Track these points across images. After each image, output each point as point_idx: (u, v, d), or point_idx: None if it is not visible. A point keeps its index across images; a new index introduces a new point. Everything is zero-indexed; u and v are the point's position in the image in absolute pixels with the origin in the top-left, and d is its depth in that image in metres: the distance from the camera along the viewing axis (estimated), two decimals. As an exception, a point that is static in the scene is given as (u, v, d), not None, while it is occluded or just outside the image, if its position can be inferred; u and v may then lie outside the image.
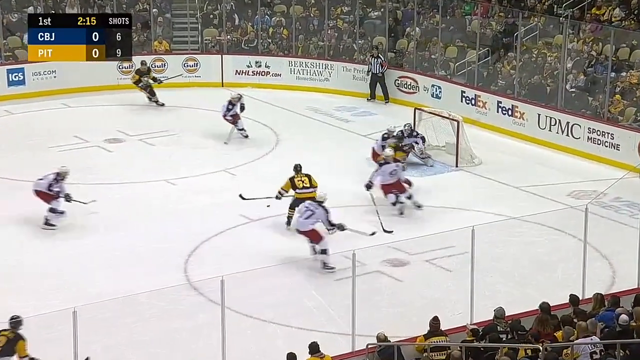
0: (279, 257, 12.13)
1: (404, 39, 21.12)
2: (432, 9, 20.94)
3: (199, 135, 17.69)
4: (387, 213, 13.79)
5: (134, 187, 15.02)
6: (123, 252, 12.50)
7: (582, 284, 10.39)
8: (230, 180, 15.48)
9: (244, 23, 22.11)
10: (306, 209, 12.31)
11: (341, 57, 21.29)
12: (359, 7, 21.41)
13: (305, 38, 21.66)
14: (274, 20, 22.19)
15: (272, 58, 21.47)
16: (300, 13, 22.10)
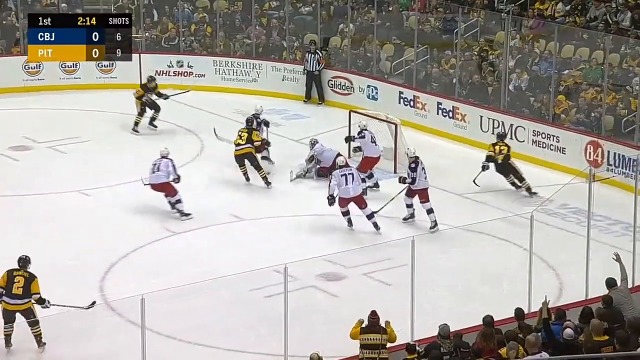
0: (205, 272, 12.06)
1: (337, 36, 21.28)
2: (366, 4, 21.14)
3: (114, 141, 17.52)
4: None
5: (44, 199, 14.80)
6: (34, 270, 12.25)
7: (528, 296, 10.59)
8: (150, 190, 15.35)
9: (164, 19, 22.01)
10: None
11: (270, 56, 21.34)
12: (288, 3, 21.49)
13: (230, 35, 21.65)
14: (196, 16, 22.13)
15: (195, 57, 21.40)
16: (225, 8, 22.09)
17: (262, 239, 13.63)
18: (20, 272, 10.70)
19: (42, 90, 20.36)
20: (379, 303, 11.43)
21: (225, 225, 14.12)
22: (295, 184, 15.75)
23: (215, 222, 14.13)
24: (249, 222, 14.27)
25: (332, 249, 12.77)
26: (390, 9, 21.17)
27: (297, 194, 15.48)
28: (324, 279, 12.17)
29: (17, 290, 10.57)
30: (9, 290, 10.58)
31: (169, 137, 17.81)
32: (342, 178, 14.01)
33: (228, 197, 15.18)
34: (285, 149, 17.20)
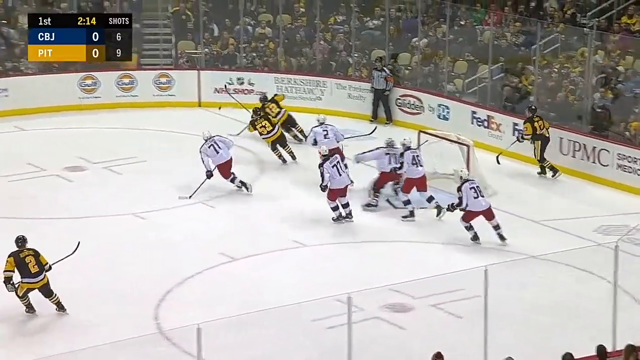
0: (265, 301, 12.09)
1: (406, 52, 21.27)
2: (437, 18, 21.10)
3: (172, 162, 17.72)
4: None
5: (97, 222, 15.01)
6: (83, 296, 12.46)
7: (612, 333, 10.40)
8: (209, 214, 15.50)
9: (225, 34, 22.26)
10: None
11: (335, 72, 21.42)
12: (355, 17, 21.55)
13: (293, 51, 21.80)
14: (257, 31, 22.34)
15: (256, 74, 21.58)
16: (288, 23, 22.26)
17: (324, 266, 13.65)
18: (25, 251, 11.73)
19: (97, 108, 20.74)
20: (449, 337, 11.37)
21: (286, 252, 14.16)
22: (359, 213, 15.70)
23: (275, 248, 14.17)
24: (310, 249, 14.28)
25: (399, 278, 12.68)
26: (462, 23, 21.09)
27: (361, 220, 15.44)
28: (390, 310, 12.10)
29: (34, 269, 11.67)
30: (27, 271, 11.64)
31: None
32: (333, 169, 14.79)
33: (289, 222, 15.22)
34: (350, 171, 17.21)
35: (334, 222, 15.10)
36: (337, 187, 14.95)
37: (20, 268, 11.67)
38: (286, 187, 16.64)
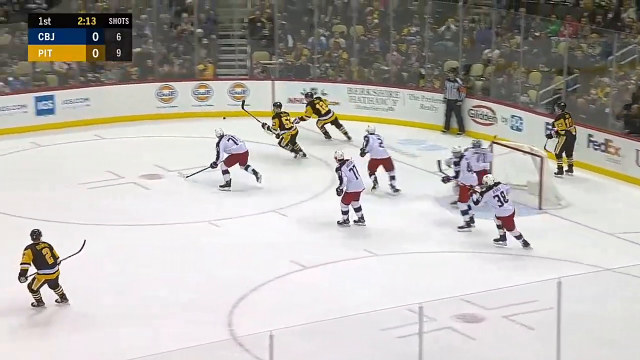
0: (336, 309, 12.09)
1: (479, 63, 21.11)
2: (512, 29, 20.91)
3: (244, 172, 17.83)
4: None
5: (172, 229, 15.16)
6: (157, 303, 12.58)
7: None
8: (281, 222, 15.55)
9: (299, 45, 22.36)
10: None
11: (407, 83, 21.35)
12: (429, 28, 21.48)
13: (366, 62, 21.80)
14: (331, 42, 22.40)
15: (329, 84, 21.62)
16: (361, 34, 22.27)
17: (395, 275, 13.57)
18: (40, 244, 12.04)
19: (174, 117, 21.01)
20: (521, 348, 11.21)
21: (357, 261, 14.12)
22: (431, 221, 15.62)
23: (346, 257, 14.13)
24: (381, 258, 14.22)
25: (470, 288, 12.59)
26: (537, 34, 20.86)
27: (433, 230, 15.36)
28: (461, 320, 11.98)
29: (51, 260, 12.03)
30: (44, 263, 12.00)
31: (300, 167, 18.05)
32: (350, 173, 14.95)
33: (360, 230, 15.19)
34: (417, 180, 17.19)
35: (340, 225, 15.15)
36: (353, 190, 15.04)
37: (37, 260, 11.96)
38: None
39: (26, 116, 20.19)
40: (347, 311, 11.83)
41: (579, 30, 20.51)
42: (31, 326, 12.07)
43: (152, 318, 12.16)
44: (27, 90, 20.52)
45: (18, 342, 11.69)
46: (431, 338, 10.40)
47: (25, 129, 19.92)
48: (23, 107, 20.21)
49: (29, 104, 20.26)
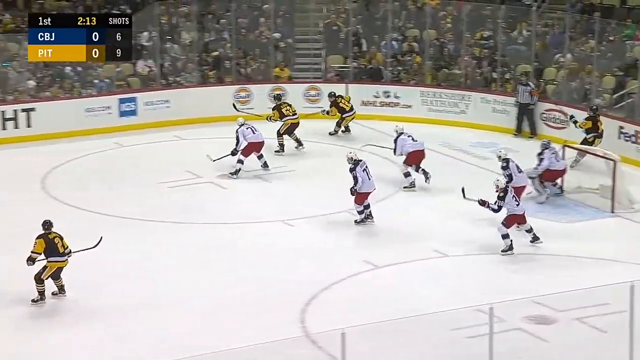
0: (407, 308, 11.98)
1: (552, 67, 20.77)
2: (586, 33, 20.53)
3: (319, 171, 17.80)
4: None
5: (247, 228, 15.18)
6: (232, 300, 12.60)
7: None
8: (353, 223, 15.46)
9: (372, 48, 22.27)
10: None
11: (479, 87, 21.11)
12: (502, 32, 21.21)
13: (439, 65, 21.62)
14: (404, 46, 22.26)
15: (402, 87, 21.50)
16: (435, 38, 22.08)
17: (465, 276, 13.39)
18: (52, 233, 12.17)
19: (251, 119, 21.08)
20: (593, 351, 10.96)
21: (428, 261, 13.97)
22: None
23: (417, 258, 13.99)
24: (451, 259, 14.05)
25: (542, 290, 12.36)
26: (611, 38, 20.43)
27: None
28: (532, 322, 11.75)
29: (62, 249, 12.18)
30: (56, 251, 12.13)
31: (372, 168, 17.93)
32: (364, 173, 14.90)
33: (431, 231, 15.03)
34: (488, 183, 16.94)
35: (357, 224, 15.10)
36: (366, 191, 14.97)
37: (49, 248, 12.10)
38: (427, 198, 16.45)
39: (110, 117, 20.46)
40: (418, 311, 11.73)
41: (654, 34, 20.10)
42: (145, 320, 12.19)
43: (227, 314, 12.17)
44: (111, 92, 20.79)
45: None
46: (501, 339, 10.23)
47: (109, 129, 20.18)
48: (107, 109, 20.48)
49: (113, 106, 20.53)
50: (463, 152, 18.93)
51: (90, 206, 15.89)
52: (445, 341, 11.21)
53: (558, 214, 15.70)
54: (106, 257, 13.24)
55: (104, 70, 20.99)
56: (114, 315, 12.15)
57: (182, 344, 11.17)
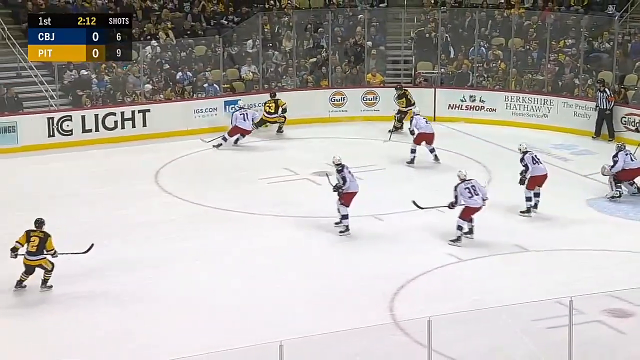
0: (488, 300, 11.85)
1: (633, 73, 20.23)
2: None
3: (406, 169, 17.72)
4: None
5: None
6: (325, 287, 12.64)
7: None
8: (440, 218, 15.33)
9: (460, 56, 22.06)
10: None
11: (561, 92, 20.71)
12: (585, 40, 20.76)
13: (523, 72, 21.30)
14: (490, 54, 21.98)
15: (487, 92, 21.25)
16: (520, 46, 21.74)
17: (545, 270, 13.16)
18: (37, 232, 11.86)
19: (344, 120, 21.16)
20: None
21: (510, 255, 13.76)
22: (597, 218, 15.22)
23: (499, 252, 13.81)
24: (532, 254, 13.83)
25: (619, 285, 12.06)
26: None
27: (581, 229, 14.83)
28: (610, 315, 11.47)
29: (33, 249, 11.82)
30: (27, 248, 11.84)
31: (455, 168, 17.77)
32: (350, 175, 14.74)
33: (511, 227, 14.82)
34: (568, 183, 16.68)
35: (336, 225, 14.69)
36: (352, 191, 14.70)
37: (26, 243, 11.95)
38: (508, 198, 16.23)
39: (216, 118, 20.70)
40: (500, 301, 11.58)
41: None
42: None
43: (321, 302, 12.20)
44: (218, 95, 21.04)
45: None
46: (580, 330, 10.03)
47: (215, 129, 20.41)
48: (214, 110, 20.73)
49: (219, 107, 20.77)
50: (545, 153, 18.57)
51: (197, 199, 16.11)
52: (526, 331, 11.04)
53: (636, 212, 15.32)
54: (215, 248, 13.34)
55: (212, 74, 21.28)
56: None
57: (281, 325, 11.26)
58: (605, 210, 15.53)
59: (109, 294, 12.37)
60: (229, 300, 12.29)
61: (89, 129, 19.62)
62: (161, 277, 12.93)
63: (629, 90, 20.07)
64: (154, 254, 13.64)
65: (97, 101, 20.25)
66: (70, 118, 19.51)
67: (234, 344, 10.23)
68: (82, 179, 17.31)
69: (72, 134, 19.47)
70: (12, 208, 15.50)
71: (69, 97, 20.25)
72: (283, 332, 10.64)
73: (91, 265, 12.99)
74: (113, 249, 13.72)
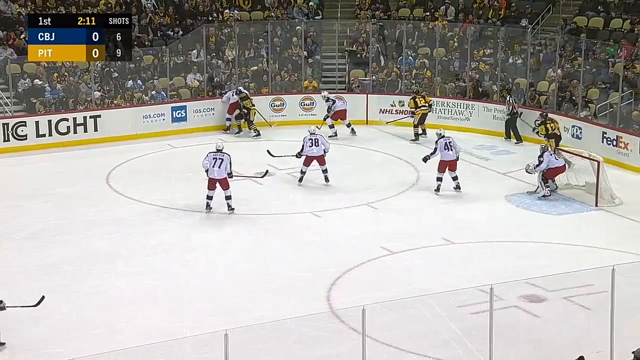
0: (418, 288, 12.00)
1: (544, 80, 20.67)
2: (574, 51, 20.42)
3: (342, 170, 17.82)
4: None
5: (283, 218, 15.23)
6: (271, 279, 12.66)
7: None
8: (373, 214, 15.49)
9: (390, 64, 22.27)
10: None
11: (481, 97, 21.05)
12: (502, 50, 21.13)
13: (446, 79, 21.59)
14: (417, 62, 22.23)
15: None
16: (443, 55, 22.04)
17: (469, 261, 13.37)
18: None
19: (283, 124, 21.20)
20: (579, 326, 10.93)
21: (437, 248, 13.95)
22: (515, 212, 15.43)
23: (426, 245, 13.98)
24: (457, 246, 14.02)
25: (536, 273, 12.33)
26: (596, 56, 20.32)
27: (503, 220, 15.11)
28: (526, 300, 11.74)
29: None
30: None
31: (386, 167, 17.99)
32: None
33: (438, 221, 15.02)
34: (488, 180, 16.94)
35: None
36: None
37: None
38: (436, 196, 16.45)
39: (164, 123, 20.54)
40: (429, 290, 11.73)
41: (632, 52, 19.89)
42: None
43: (266, 292, 12.25)
44: (165, 102, 20.88)
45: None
46: (500, 315, 10.22)
47: (163, 133, 20.29)
48: (162, 116, 20.57)
49: (167, 113, 20.60)
50: (468, 154, 18.85)
51: (146, 198, 16.00)
52: (452, 316, 11.23)
53: (550, 207, 15.64)
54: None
55: (160, 82, 21.11)
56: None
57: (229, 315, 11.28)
58: (522, 205, 15.83)
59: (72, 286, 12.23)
60: (176, 292, 12.21)
61: (43, 134, 19.33)
62: (120, 270, 12.85)
63: (542, 96, 20.47)
64: (108, 250, 13.52)
65: (50, 108, 19.93)
66: (24, 124, 19.19)
67: (186, 333, 10.20)
68: (38, 181, 17.03)
69: (26, 139, 19.15)
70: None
71: (23, 104, 19.91)
72: (230, 321, 10.68)
73: (51, 261, 12.84)
74: (70, 245, 13.60)
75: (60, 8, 21.13)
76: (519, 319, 11.30)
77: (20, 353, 10.43)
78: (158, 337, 9.96)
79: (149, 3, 23.01)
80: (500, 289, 10.05)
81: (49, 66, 19.86)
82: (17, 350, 10.49)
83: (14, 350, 10.48)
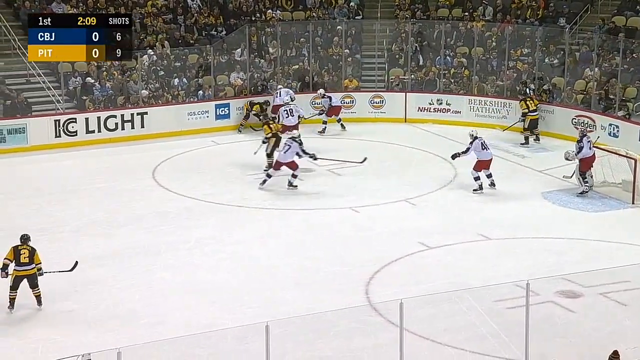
0: (455, 282, 11.93)
1: (582, 79, 20.38)
2: (612, 51, 20.12)
3: (381, 167, 17.77)
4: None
5: (323, 213, 15.23)
6: (310, 273, 12.68)
7: None
8: (410, 210, 15.43)
9: (428, 63, 22.15)
10: (285, 144, 15.82)
11: (519, 96, 20.82)
12: (539, 50, 20.90)
13: (484, 78, 21.41)
14: (455, 61, 22.07)
15: (452, 96, 21.35)
16: (481, 54, 21.85)
17: (506, 256, 13.25)
18: (24, 246, 11.22)
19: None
20: (614, 321, 10.79)
21: (474, 243, 13.84)
22: (552, 209, 15.25)
23: (463, 240, 13.88)
24: (494, 241, 13.90)
25: (571, 269, 12.18)
26: (634, 55, 19.98)
27: (540, 217, 14.94)
28: (562, 296, 11.60)
29: (25, 260, 11.15)
30: (18, 260, 11.16)
31: (424, 164, 17.90)
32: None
33: (475, 218, 14.91)
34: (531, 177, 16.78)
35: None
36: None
37: (15, 258, 11.19)
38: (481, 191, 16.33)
39: (207, 121, 20.65)
40: (465, 285, 11.65)
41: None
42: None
43: (306, 286, 12.24)
44: (209, 99, 20.99)
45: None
46: (536, 309, 10.13)
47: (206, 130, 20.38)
48: (206, 113, 20.69)
49: (211, 110, 20.72)
50: (505, 151, 18.68)
51: (189, 193, 16.09)
52: (488, 311, 11.14)
53: (586, 204, 15.45)
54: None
55: (204, 81, 21.24)
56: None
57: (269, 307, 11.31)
58: (559, 202, 15.65)
59: (118, 278, 12.36)
60: (217, 284, 12.26)
61: (92, 130, 19.58)
62: (163, 263, 12.92)
63: (579, 95, 20.19)
64: (152, 243, 13.63)
65: (100, 105, 20.18)
66: (75, 120, 19.46)
67: (227, 324, 10.25)
68: (86, 175, 17.25)
69: (76, 135, 19.42)
70: (25, 200, 15.51)
71: (74, 101, 20.19)
72: (270, 313, 10.72)
73: (97, 254, 13.03)
74: (118, 239, 13.76)
75: (110, 8, 21.42)
76: (555, 314, 11.18)
77: (64, 341, 10.55)
78: (199, 328, 10.03)
79: (194, 3, 23.17)
80: (537, 285, 9.97)
81: (99, 64, 20.11)
82: (66, 339, 10.63)
83: (64, 338, 10.62)
